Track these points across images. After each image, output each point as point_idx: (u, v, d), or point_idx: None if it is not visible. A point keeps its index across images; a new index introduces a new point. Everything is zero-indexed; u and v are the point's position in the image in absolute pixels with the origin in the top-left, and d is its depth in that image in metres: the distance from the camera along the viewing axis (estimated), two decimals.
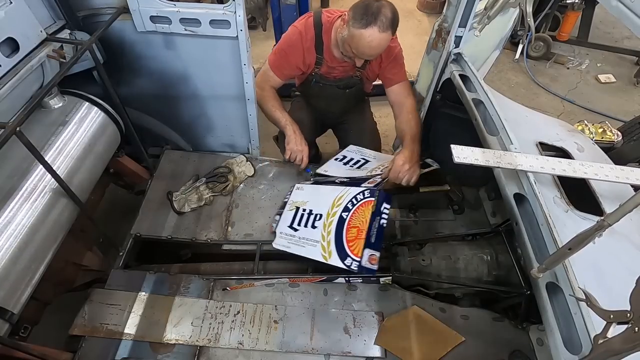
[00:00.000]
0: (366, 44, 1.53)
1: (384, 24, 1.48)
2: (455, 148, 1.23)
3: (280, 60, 1.83)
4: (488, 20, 1.50)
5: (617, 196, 1.25)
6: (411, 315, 1.44)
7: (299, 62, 1.82)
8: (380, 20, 1.47)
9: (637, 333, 0.64)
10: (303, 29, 1.74)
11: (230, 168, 2.05)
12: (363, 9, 1.50)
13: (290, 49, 1.79)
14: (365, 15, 1.48)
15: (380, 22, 1.47)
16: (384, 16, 1.47)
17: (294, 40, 1.76)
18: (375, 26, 1.47)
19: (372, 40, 1.51)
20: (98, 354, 1.40)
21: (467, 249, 1.52)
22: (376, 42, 1.52)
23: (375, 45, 1.53)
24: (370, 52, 1.57)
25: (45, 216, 1.39)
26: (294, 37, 1.76)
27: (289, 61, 1.82)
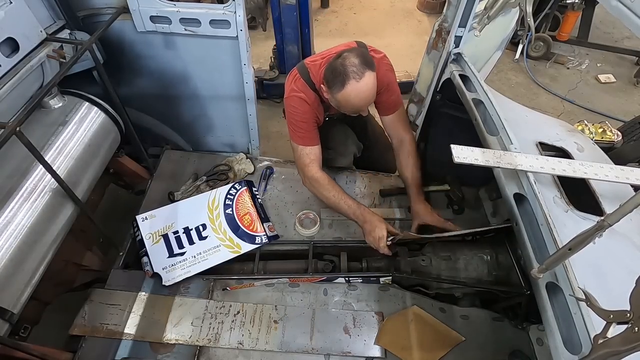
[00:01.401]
0: (355, 99, 1.45)
1: (357, 72, 1.39)
2: (455, 148, 1.23)
3: (304, 132, 1.67)
4: (488, 20, 1.50)
5: (617, 196, 1.25)
6: (411, 315, 1.44)
7: (315, 120, 1.69)
8: (351, 72, 1.39)
9: (637, 333, 0.64)
10: (302, 93, 1.62)
11: (230, 166, 2.05)
12: (331, 74, 1.43)
13: (305, 116, 1.64)
14: (335, 78, 1.41)
15: (352, 73, 1.39)
16: (352, 66, 1.39)
17: (300, 108, 1.63)
18: (351, 80, 1.39)
19: (357, 93, 1.42)
20: (98, 354, 1.40)
21: (467, 249, 1.52)
22: (363, 91, 1.43)
23: (364, 95, 1.45)
24: (364, 101, 1.48)
25: (45, 216, 1.39)
26: (298, 105, 1.63)
27: (310, 127, 1.68)
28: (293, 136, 1.69)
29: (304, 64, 1.64)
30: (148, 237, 1.69)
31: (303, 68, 1.64)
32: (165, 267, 1.60)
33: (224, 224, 1.75)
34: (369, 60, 1.43)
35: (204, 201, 1.82)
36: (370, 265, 1.61)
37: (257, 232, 1.73)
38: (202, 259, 1.63)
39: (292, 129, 1.68)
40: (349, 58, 1.40)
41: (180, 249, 1.66)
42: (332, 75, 1.43)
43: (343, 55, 1.42)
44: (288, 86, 1.66)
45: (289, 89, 1.65)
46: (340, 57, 1.42)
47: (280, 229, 1.81)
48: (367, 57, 1.44)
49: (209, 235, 1.70)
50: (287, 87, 1.66)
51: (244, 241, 1.70)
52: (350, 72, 1.39)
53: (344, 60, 1.40)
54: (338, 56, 1.44)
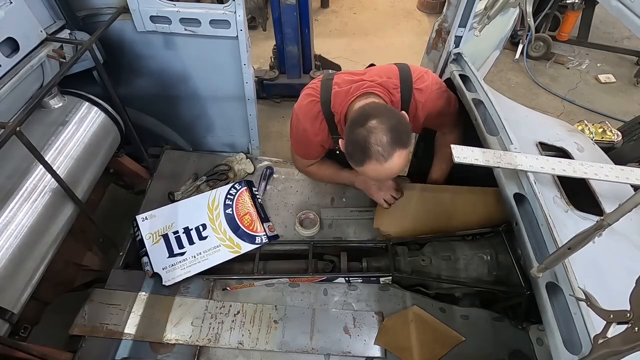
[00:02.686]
0: (375, 176, 1.24)
1: (383, 152, 1.10)
2: (455, 148, 1.23)
3: (304, 149, 1.60)
4: (488, 20, 1.50)
5: (617, 196, 1.25)
6: (411, 315, 1.44)
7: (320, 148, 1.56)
8: (375, 152, 1.10)
9: (637, 333, 0.64)
10: (308, 124, 1.43)
11: (230, 166, 2.05)
12: (351, 146, 1.16)
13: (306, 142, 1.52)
14: (355, 153, 1.16)
15: (377, 153, 1.10)
16: (377, 145, 1.10)
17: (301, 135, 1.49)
18: (372, 160, 1.12)
19: (378, 173, 1.17)
20: (98, 354, 1.40)
21: (467, 249, 1.52)
22: (384, 172, 1.16)
23: (385, 175, 1.20)
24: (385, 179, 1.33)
25: (45, 216, 1.39)
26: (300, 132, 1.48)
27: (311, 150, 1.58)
28: (292, 146, 1.65)
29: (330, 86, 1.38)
30: (148, 237, 1.69)
31: (327, 92, 1.38)
32: (165, 267, 1.60)
33: (224, 224, 1.75)
34: (403, 137, 1.14)
35: (204, 201, 1.82)
36: (370, 265, 1.61)
37: (257, 232, 1.74)
38: (202, 259, 1.63)
39: (293, 141, 1.60)
40: (376, 133, 1.10)
41: (180, 249, 1.66)
42: (352, 146, 1.16)
43: (369, 126, 1.11)
44: (303, 102, 1.45)
45: (302, 108, 1.45)
46: (365, 126, 1.12)
47: (280, 229, 1.81)
48: (402, 132, 1.14)
49: (209, 235, 1.71)
50: (302, 104, 1.45)
51: (244, 241, 1.70)
52: (374, 153, 1.11)
53: (369, 135, 1.10)
54: (363, 122, 1.13)
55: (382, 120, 1.12)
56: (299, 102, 1.47)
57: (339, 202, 1.91)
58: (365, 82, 1.34)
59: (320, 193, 1.94)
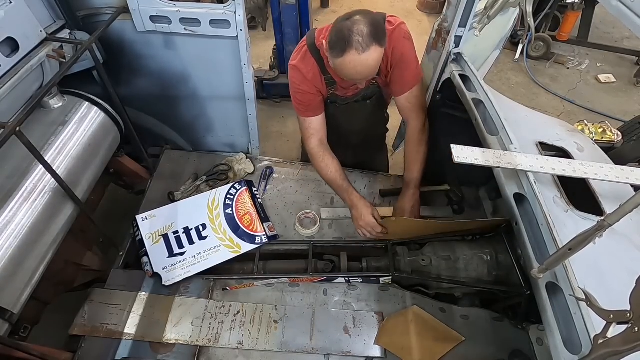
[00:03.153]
0: (351, 70, 1.32)
1: (362, 42, 1.23)
2: (455, 148, 1.23)
3: (302, 103, 1.62)
4: (488, 20, 1.50)
5: (617, 196, 1.25)
6: (411, 315, 1.44)
7: (316, 92, 1.60)
8: (355, 41, 1.23)
9: (637, 333, 0.64)
10: (300, 63, 1.53)
11: (230, 166, 2.05)
12: (335, 35, 1.28)
13: (301, 88, 1.57)
14: (338, 42, 1.27)
15: (357, 43, 1.23)
16: (358, 35, 1.23)
17: (297, 80, 1.56)
18: (352, 49, 1.24)
19: (355, 65, 1.28)
20: (98, 354, 1.40)
21: (467, 249, 1.52)
22: (361, 65, 1.28)
23: (361, 70, 1.31)
24: (361, 76, 1.36)
25: (45, 216, 1.39)
26: (295, 76, 1.56)
27: (308, 97, 1.59)
28: (294, 105, 1.65)
29: (313, 32, 1.52)
30: (148, 237, 1.69)
31: (311, 35, 1.52)
32: (165, 267, 1.60)
33: (224, 224, 1.75)
34: (380, 34, 1.27)
35: (203, 201, 1.82)
36: (370, 265, 1.60)
37: (257, 232, 1.74)
38: (202, 259, 1.63)
39: (292, 98, 1.64)
40: (359, 25, 1.24)
41: (180, 249, 1.66)
42: (335, 37, 1.28)
43: (354, 19, 1.25)
44: (293, 54, 1.57)
45: (292, 56, 1.57)
46: (350, 19, 1.26)
47: (280, 229, 1.81)
48: (380, 30, 1.28)
49: (209, 235, 1.71)
50: (292, 55, 1.58)
51: (244, 241, 1.70)
52: (355, 42, 1.23)
53: (352, 26, 1.24)
54: (349, 16, 1.28)
55: (365, 15, 1.27)
56: (291, 56, 1.58)
57: (339, 202, 1.90)
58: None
59: (320, 193, 1.94)
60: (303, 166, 2.06)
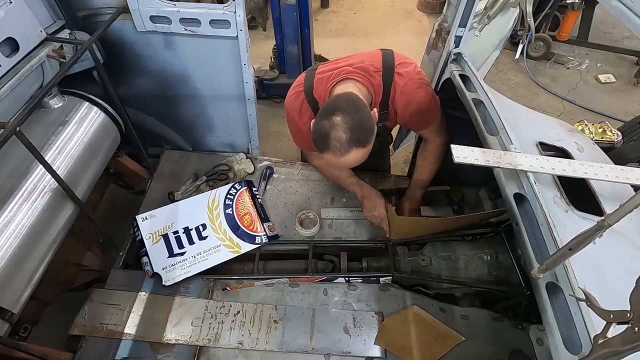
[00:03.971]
0: (333, 165, 1.32)
1: (340, 148, 1.17)
2: (455, 148, 1.23)
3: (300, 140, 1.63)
4: (488, 20, 1.50)
5: (617, 196, 1.25)
6: (411, 315, 1.44)
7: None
8: (332, 146, 1.18)
9: (637, 333, 0.64)
10: (296, 114, 1.48)
11: (230, 166, 2.05)
12: (315, 134, 1.22)
13: (299, 136, 1.58)
14: (318, 141, 1.22)
15: (334, 147, 1.18)
16: (335, 141, 1.16)
17: (294, 127, 1.54)
18: (330, 152, 1.20)
19: (335, 163, 1.25)
20: (98, 354, 1.40)
21: (467, 249, 1.52)
22: (340, 164, 1.25)
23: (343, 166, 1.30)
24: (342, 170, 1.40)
25: (45, 216, 1.39)
26: (292, 123, 1.54)
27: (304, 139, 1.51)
28: (293, 139, 1.66)
29: (313, 75, 1.44)
30: (148, 237, 1.69)
31: (310, 80, 1.43)
32: (165, 267, 1.60)
33: (224, 224, 1.75)
34: (362, 137, 1.18)
35: (204, 201, 1.82)
36: (370, 265, 1.61)
37: (257, 232, 1.74)
38: (202, 259, 1.63)
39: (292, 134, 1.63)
40: (337, 130, 1.16)
41: (180, 249, 1.66)
42: (315, 134, 1.22)
43: (333, 121, 1.16)
44: (290, 94, 1.50)
45: (289, 99, 1.50)
46: (329, 120, 1.17)
47: (280, 229, 1.81)
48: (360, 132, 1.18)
49: (209, 235, 1.71)
50: (289, 94, 1.51)
51: (244, 241, 1.70)
52: (332, 147, 1.18)
53: (330, 130, 1.16)
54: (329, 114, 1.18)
55: (345, 118, 1.16)
56: (287, 96, 1.52)
57: (339, 202, 1.90)
58: (346, 68, 1.36)
59: (320, 193, 1.94)
60: (303, 166, 2.06)
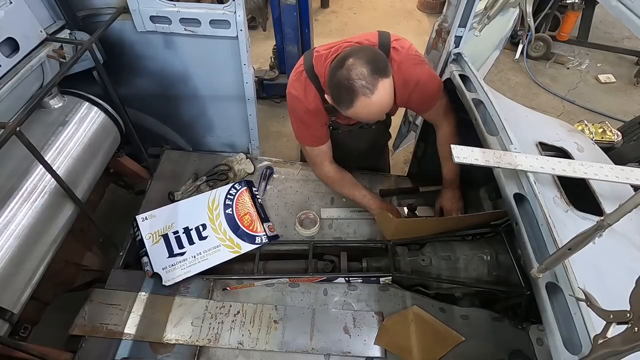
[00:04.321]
0: (367, 115, 1.25)
1: (366, 85, 1.14)
2: (455, 148, 1.23)
3: (306, 134, 1.57)
4: (488, 20, 1.50)
5: (617, 196, 1.25)
6: (411, 315, 1.44)
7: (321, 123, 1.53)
8: (359, 87, 1.14)
9: (637, 333, 0.64)
10: (301, 94, 1.43)
11: (230, 166, 2.05)
12: (336, 88, 1.19)
13: (305, 119, 1.51)
14: (341, 94, 1.19)
15: (361, 87, 1.14)
16: (359, 79, 1.13)
17: (299, 111, 1.48)
18: (359, 96, 1.16)
19: (369, 109, 1.20)
20: (98, 354, 1.40)
21: (467, 249, 1.52)
22: (375, 106, 1.20)
23: (377, 110, 1.22)
24: (378, 115, 1.27)
25: (45, 216, 1.39)
26: (297, 107, 1.48)
27: (314, 128, 1.53)
28: (296, 135, 1.61)
29: (312, 53, 1.42)
30: (148, 237, 1.69)
31: (309, 59, 1.41)
32: (165, 267, 1.60)
33: (224, 224, 1.75)
34: (381, 65, 1.17)
35: (204, 201, 1.82)
36: (370, 265, 1.61)
37: (257, 232, 1.74)
38: (202, 259, 1.63)
39: (294, 128, 1.59)
40: (355, 68, 1.14)
41: (180, 249, 1.66)
42: (337, 90, 1.20)
43: (348, 65, 1.15)
44: (291, 79, 1.47)
45: (291, 82, 1.47)
46: (344, 66, 1.16)
47: (280, 229, 1.81)
48: (378, 61, 1.17)
49: (209, 235, 1.71)
50: (290, 79, 1.47)
51: (244, 241, 1.70)
52: (359, 87, 1.14)
53: (350, 72, 1.14)
54: (341, 64, 1.17)
55: (358, 56, 1.16)
56: (289, 82, 1.50)
57: (339, 202, 1.90)
58: (343, 44, 1.37)
59: (320, 193, 1.94)
60: (303, 166, 2.06)
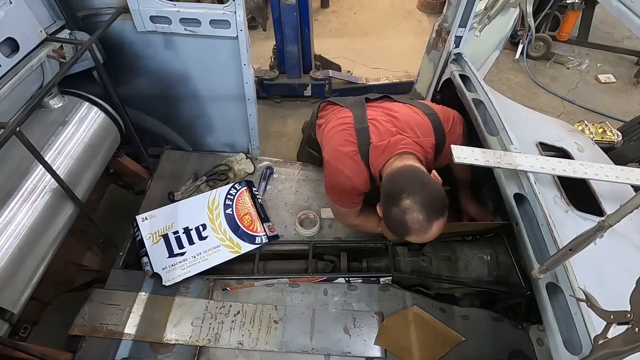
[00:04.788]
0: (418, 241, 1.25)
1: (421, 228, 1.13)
2: (455, 148, 1.23)
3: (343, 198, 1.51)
4: (488, 20, 1.50)
5: (617, 196, 1.25)
6: (411, 315, 1.44)
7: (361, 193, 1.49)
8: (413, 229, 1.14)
9: (637, 333, 0.64)
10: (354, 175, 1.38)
11: (230, 166, 2.05)
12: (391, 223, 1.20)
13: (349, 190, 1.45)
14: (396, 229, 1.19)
15: (416, 230, 1.14)
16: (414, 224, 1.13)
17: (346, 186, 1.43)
18: (413, 235, 1.16)
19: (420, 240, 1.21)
20: (98, 354, 1.40)
21: (467, 249, 1.52)
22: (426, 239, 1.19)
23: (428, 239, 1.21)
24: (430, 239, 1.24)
25: (45, 216, 1.39)
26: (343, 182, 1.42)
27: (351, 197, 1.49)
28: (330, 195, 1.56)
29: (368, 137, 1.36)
30: (148, 237, 1.69)
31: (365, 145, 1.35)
32: (165, 267, 1.60)
33: (224, 224, 1.75)
34: (438, 208, 1.14)
35: (203, 201, 1.82)
36: (370, 265, 1.61)
37: (257, 232, 1.74)
38: (202, 259, 1.63)
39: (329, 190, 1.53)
40: (411, 212, 1.12)
41: (180, 249, 1.66)
42: (391, 224, 1.20)
43: (403, 207, 1.13)
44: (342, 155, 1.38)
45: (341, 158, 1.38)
46: (400, 206, 1.13)
47: (280, 229, 1.81)
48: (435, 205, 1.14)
49: (209, 235, 1.71)
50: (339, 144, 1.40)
51: (244, 241, 1.70)
52: (413, 230, 1.14)
53: (405, 215, 1.13)
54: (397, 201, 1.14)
55: (414, 198, 1.12)
56: (336, 147, 1.41)
57: None
58: (404, 139, 1.34)
59: (320, 193, 1.94)
60: (303, 166, 2.06)
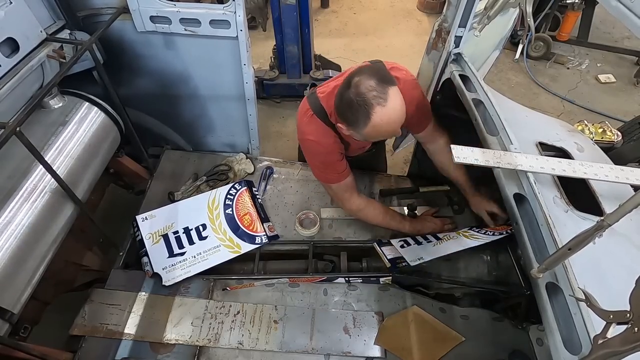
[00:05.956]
0: (387, 127, 1.22)
1: (378, 95, 1.15)
2: (455, 148, 1.23)
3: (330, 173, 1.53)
4: (488, 20, 1.50)
5: (617, 196, 1.25)
6: (411, 315, 1.44)
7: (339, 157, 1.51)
8: (372, 98, 1.15)
9: (637, 333, 0.64)
10: (321, 138, 1.43)
11: (230, 166, 2.06)
12: (348, 109, 1.20)
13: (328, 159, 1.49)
14: (355, 112, 1.18)
15: (374, 98, 1.15)
16: (370, 91, 1.15)
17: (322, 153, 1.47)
18: (375, 107, 1.15)
19: (388, 119, 1.19)
20: (98, 354, 1.40)
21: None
22: (393, 114, 1.19)
23: (396, 117, 1.20)
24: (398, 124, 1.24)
25: (45, 216, 1.39)
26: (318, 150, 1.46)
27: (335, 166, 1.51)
28: (319, 176, 1.59)
29: (316, 97, 1.42)
30: (148, 237, 1.69)
31: (316, 103, 1.41)
32: (165, 267, 1.60)
33: (224, 224, 1.75)
34: (386, 75, 1.20)
35: (204, 201, 1.82)
36: (370, 265, 1.61)
37: (257, 232, 1.74)
38: (202, 259, 1.63)
39: (316, 171, 1.57)
40: (363, 83, 1.15)
41: (180, 249, 1.66)
42: (350, 110, 1.19)
43: (354, 82, 1.17)
44: (302, 126, 1.45)
45: (304, 130, 1.45)
46: (350, 85, 1.18)
47: (280, 229, 1.81)
48: (383, 72, 1.21)
49: (209, 235, 1.71)
50: (302, 126, 1.46)
51: (244, 241, 1.70)
52: (372, 98, 1.15)
53: (358, 88, 1.16)
54: (347, 85, 1.19)
55: (361, 72, 1.19)
56: (301, 130, 1.47)
57: None
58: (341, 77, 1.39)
59: (320, 193, 1.94)
60: (303, 166, 2.06)
